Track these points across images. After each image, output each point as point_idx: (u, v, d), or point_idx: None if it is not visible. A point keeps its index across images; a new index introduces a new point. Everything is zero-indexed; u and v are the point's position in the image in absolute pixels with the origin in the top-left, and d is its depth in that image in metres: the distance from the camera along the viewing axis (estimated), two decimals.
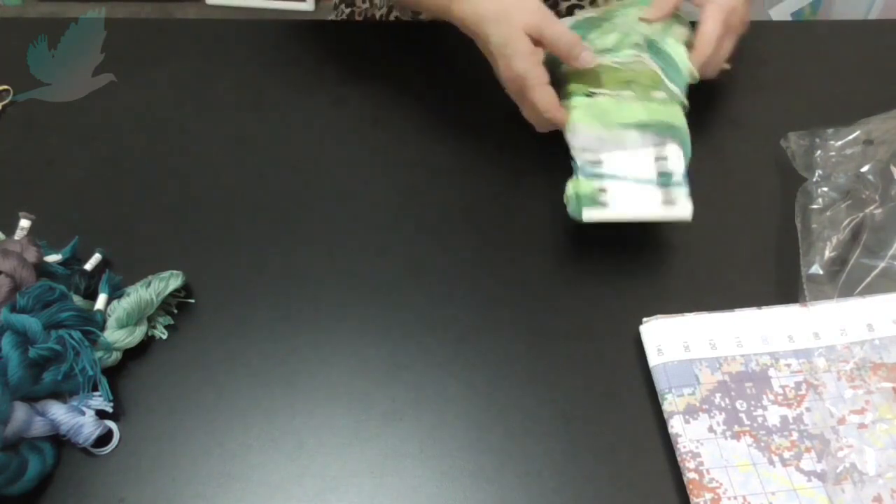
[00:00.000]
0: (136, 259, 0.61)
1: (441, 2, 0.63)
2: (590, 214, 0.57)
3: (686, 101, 0.63)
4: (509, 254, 0.63)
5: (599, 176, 0.58)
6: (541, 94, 0.56)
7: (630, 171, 0.58)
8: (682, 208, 0.58)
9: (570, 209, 0.59)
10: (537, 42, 0.57)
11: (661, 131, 0.60)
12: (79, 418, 0.51)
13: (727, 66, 0.69)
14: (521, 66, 0.56)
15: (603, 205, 0.57)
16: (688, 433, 0.51)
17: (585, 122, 0.59)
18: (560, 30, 0.57)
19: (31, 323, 0.50)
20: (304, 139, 0.71)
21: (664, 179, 0.58)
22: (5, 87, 0.75)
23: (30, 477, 0.49)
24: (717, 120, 0.72)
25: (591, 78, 0.61)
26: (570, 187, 0.59)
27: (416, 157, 0.70)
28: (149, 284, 0.57)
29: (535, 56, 0.57)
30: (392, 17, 0.85)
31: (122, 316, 0.55)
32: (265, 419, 0.54)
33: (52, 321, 0.52)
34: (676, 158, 0.60)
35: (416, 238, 0.64)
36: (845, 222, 0.60)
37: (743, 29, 0.68)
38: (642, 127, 0.60)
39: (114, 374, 0.55)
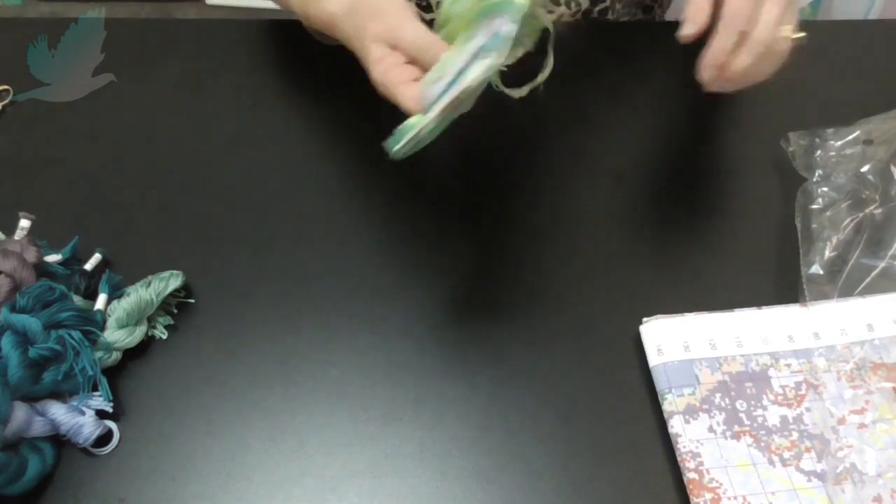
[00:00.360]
0: (136, 259, 0.61)
1: (327, 27, 0.62)
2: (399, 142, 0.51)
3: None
4: (509, 253, 0.63)
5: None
6: (402, 94, 0.53)
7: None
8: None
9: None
10: (396, 48, 0.55)
11: (483, 19, 0.51)
12: (79, 418, 0.51)
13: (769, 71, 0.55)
14: (376, 72, 0.54)
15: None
16: (688, 433, 0.51)
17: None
18: (411, 36, 0.54)
19: (31, 323, 0.50)
20: (304, 139, 0.71)
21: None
22: (5, 87, 0.75)
23: (30, 477, 0.49)
24: (717, 120, 0.72)
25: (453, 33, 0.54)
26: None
27: (416, 156, 0.69)
28: (149, 284, 0.57)
29: (389, 59, 0.54)
30: None
31: (122, 316, 0.55)
32: (265, 419, 0.54)
33: (52, 321, 0.52)
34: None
35: (416, 238, 0.64)
36: (845, 222, 0.60)
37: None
38: (467, 38, 0.51)
39: (114, 374, 0.55)
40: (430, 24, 0.68)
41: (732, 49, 0.54)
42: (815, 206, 0.62)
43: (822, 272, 0.58)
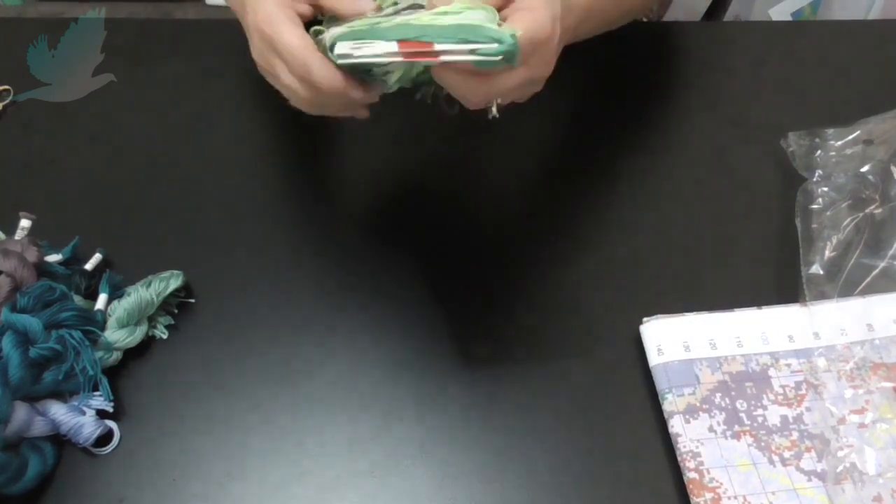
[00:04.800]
0: (137, 259, 0.61)
1: None
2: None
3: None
4: (510, 253, 0.63)
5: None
6: (290, 37, 0.46)
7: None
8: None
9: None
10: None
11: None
12: (79, 418, 0.51)
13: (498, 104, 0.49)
14: (267, 8, 0.48)
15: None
16: (688, 433, 0.51)
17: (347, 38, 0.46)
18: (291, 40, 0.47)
19: (32, 323, 0.50)
20: (304, 139, 0.71)
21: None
22: (6, 87, 0.75)
23: (30, 477, 0.49)
24: (717, 120, 0.72)
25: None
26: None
27: (417, 157, 0.70)
28: (149, 284, 0.57)
29: (286, 4, 0.48)
30: None
31: (122, 316, 0.55)
32: (266, 419, 0.54)
33: (53, 321, 0.52)
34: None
35: (416, 238, 0.64)
36: (845, 222, 0.60)
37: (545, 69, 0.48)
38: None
39: (114, 373, 0.55)
40: None
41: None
42: (815, 206, 0.62)
43: (822, 272, 0.58)
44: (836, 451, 0.50)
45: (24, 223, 0.58)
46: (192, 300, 0.60)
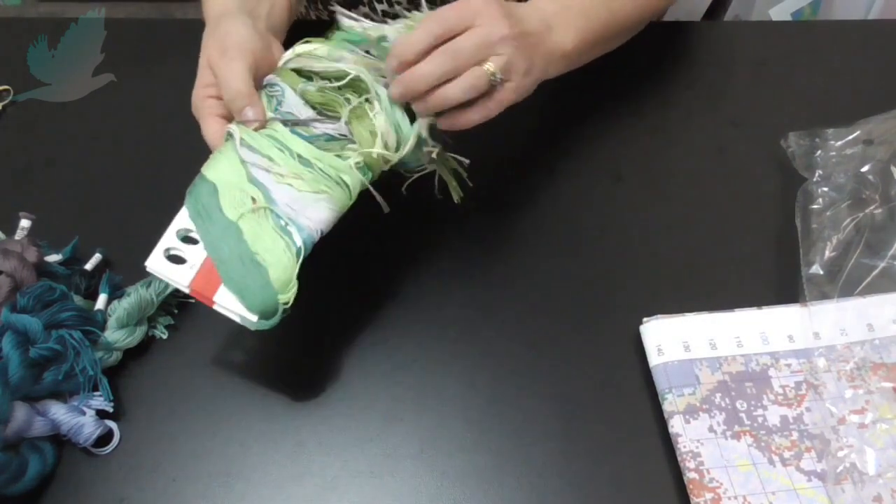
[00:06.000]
0: (137, 259, 0.61)
1: (206, 20, 0.62)
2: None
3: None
4: (509, 254, 0.63)
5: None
6: (206, 126, 0.54)
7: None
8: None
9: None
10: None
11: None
12: (79, 418, 0.51)
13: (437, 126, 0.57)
14: (197, 93, 0.55)
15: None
16: (688, 433, 0.51)
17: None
18: (228, 73, 0.52)
19: (32, 323, 0.50)
20: None
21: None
22: (5, 87, 0.75)
23: (30, 477, 0.49)
24: (717, 120, 0.72)
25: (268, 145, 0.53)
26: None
27: (416, 158, 0.69)
28: (149, 284, 0.57)
29: (213, 90, 0.54)
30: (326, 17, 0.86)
31: (122, 316, 0.55)
32: (265, 419, 0.54)
33: (53, 321, 0.52)
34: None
35: (416, 238, 0.64)
36: (845, 222, 0.60)
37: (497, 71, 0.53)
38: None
39: (114, 373, 0.55)
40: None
41: (424, 52, 0.51)
42: (815, 206, 0.62)
43: (822, 272, 0.58)
44: (836, 451, 0.50)
45: (24, 223, 0.58)
46: (192, 300, 0.60)
